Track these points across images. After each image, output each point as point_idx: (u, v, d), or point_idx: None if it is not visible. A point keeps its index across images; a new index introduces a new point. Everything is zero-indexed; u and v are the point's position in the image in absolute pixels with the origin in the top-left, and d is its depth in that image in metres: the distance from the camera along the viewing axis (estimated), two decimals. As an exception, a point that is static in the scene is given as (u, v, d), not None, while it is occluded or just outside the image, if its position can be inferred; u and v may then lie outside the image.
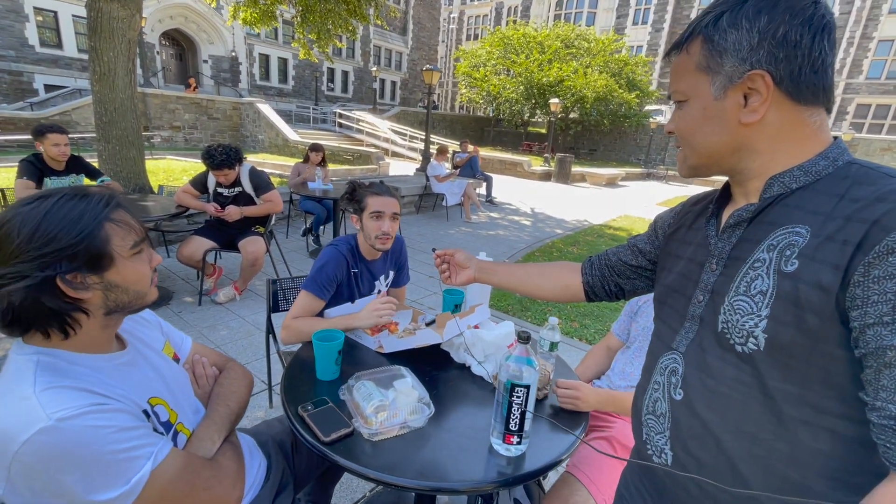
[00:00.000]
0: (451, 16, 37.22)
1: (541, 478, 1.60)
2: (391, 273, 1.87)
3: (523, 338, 0.99)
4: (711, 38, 0.62)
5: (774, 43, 0.58)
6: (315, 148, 5.22)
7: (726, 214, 0.72)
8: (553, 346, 1.35)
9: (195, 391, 1.04)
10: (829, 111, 0.63)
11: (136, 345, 0.91)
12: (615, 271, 0.96)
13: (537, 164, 15.19)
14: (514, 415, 0.97)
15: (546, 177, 14.55)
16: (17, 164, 3.17)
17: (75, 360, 0.76)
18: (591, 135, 22.19)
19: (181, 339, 1.09)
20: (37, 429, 0.63)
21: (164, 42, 19.89)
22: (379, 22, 8.98)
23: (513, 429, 0.98)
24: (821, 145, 0.62)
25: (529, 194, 10.91)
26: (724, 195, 0.74)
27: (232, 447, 0.93)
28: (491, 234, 6.61)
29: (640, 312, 1.59)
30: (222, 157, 3.08)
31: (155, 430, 0.80)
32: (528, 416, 0.99)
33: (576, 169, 14.95)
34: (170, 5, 18.72)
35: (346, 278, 1.67)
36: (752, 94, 0.60)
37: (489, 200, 9.00)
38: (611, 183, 15.19)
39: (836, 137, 0.63)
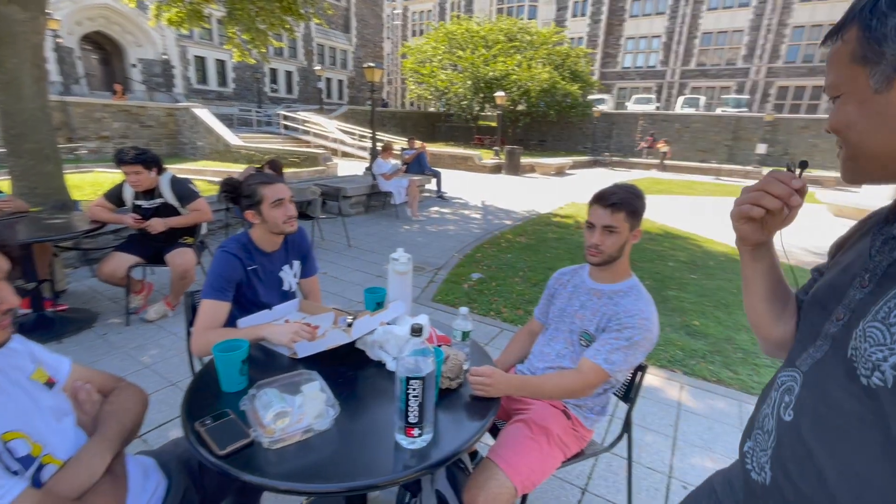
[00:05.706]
0: (395, 12, 36.87)
1: (470, 465, 1.63)
2: (296, 263, 1.87)
3: (415, 330, 1.00)
4: (868, 25, 0.54)
5: None
6: (272, 165, 5.09)
7: None
8: (465, 335, 1.37)
9: (78, 418, 0.98)
10: None
11: None
12: None
13: (488, 158, 15.36)
14: (412, 407, 0.98)
15: (497, 169, 14.76)
16: None
17: None
18: (539, 126, 22.66)
19: (57, 362, 1.02)
20: None
21: (85, 46, 18.52)
22: (317, 21, 8.77)
23: (412, 421, 0.99)
24: None
25: (480, 188, 11.02)
26: None
27: (110, 479, 0.88)
28: (440, 229, 6.63)
29: (556, 295, 1.63)
30: (134, 154, 2.96)
31: (8, 468, 0.75)
32: (428, 408, 1.00)
33: (525, 160, 15.26)
34: (87, 6, 17.43)
35: (245, 276, 1.67)
36: None
37: (440, 196, 9.03)
38: (559, 172, 15.62)
39: None
